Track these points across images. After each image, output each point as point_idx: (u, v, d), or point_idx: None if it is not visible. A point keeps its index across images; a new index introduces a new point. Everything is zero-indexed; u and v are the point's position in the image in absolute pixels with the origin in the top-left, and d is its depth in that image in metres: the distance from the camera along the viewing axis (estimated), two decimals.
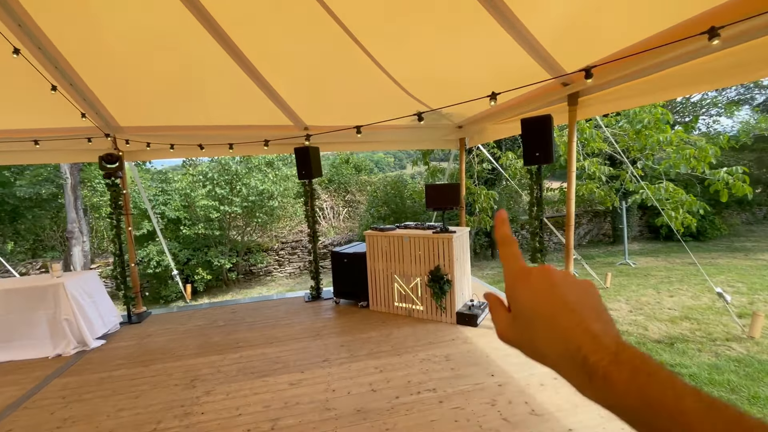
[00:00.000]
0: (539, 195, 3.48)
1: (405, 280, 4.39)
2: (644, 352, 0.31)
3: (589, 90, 3.34)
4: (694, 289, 6.44)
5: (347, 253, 4.78)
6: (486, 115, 4.83)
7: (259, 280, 10.27)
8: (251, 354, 3.64)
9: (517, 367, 3.10)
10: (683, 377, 0.29)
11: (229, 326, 4.43)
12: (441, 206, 4.17)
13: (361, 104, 4.51)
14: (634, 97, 3.07)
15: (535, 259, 3.57)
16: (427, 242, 4.16)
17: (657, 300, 6.00)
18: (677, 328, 4.90)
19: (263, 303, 5.25)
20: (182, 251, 8.80)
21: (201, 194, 8.59)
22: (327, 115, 4.74)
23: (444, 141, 6.01)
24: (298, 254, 10.79)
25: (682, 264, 8.58)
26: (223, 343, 3.94)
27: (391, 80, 3.93)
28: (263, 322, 4.50)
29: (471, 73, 3.64)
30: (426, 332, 3.92)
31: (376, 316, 4.48)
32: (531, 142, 3.43)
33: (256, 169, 9.33)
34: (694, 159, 4.32)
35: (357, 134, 3.14)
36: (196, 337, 4.17)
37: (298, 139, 5.13)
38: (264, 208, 9.43)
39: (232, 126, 4.70)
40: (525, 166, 3.51)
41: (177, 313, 5.03)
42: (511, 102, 4.15)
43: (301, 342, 3.86)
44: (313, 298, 5.26)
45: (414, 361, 3.32)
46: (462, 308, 4.15)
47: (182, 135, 4.50)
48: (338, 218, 14.44)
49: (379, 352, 3.53)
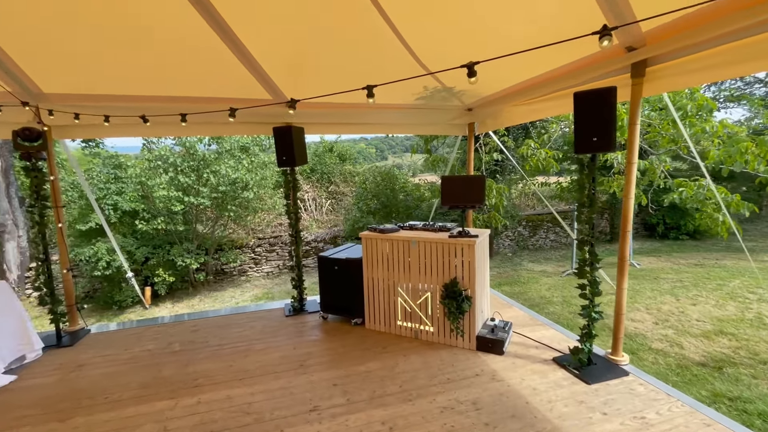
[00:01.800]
0: (593, 193, 2.71)
1: (411, 295, 3.55)
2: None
3: (666, 56, 2.55)
4: (714, 296, 5.91)
5: (338, 259, 3.89)
6: (506, 94, 4.00)
7: (233, 281, 9.22)
8: (212, 399, 2.73)
9: (571, 423, 2.32)
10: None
11: (187, 352, 3.48)
12: (461, 204, 3.33)
13: (357, 74, 3.57)
14: (734, 65, 2.30)
15: (584, 274, 2.81)
16: (442, 248, 3.33)
17: (680, 309, 5.42)
18: (715, 346, 4.29)
19: (233, 318, 4.30)
20: (139, 249, 7.64)
21: (160, 183, 7.40)
22: (315, 88, 3.79)
23: (450, 126, 5.16)
24: (276, 251, 9.78)
25: (687, 265, 8.14)
26: (177, 380, 3.00)
27: (399, 41, 3.02)
28: (232, 346, 3.57)
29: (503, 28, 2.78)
30: (441, 363, 3.11)
31: (374, 337, 3.64)
32: (586, 124, 2.62)
33: (227, 155, 8.20)
34: (752, 153, 3.68)
35: (368, 98, 2.23)
36: (142, 368, 3.20)
37: (278, 118, 4.18)
38: (237, 199, 8.34)
39: (191, 98, 3.67)
40: (575, 154, 2.69)
41: (123, 332, 4.01)
42: (548, 76, 3.35)
43: (281, 378, 2.97)
44: (294, 311, 4.35)
45: (433, 411, 2.50)
46: (483, 330, 3.36)
47: (122, 107, 3.45)
48: (321, 211, 13.47)
49: (384, 395, 2.69)
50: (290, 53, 3.19)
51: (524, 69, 3.32)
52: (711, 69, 2.40)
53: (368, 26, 2.82)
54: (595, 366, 2.88)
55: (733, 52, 2.27)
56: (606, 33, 1.51)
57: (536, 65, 3.20)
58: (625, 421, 2.32)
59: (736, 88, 11.65)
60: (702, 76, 2.48)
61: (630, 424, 2.30)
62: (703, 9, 2.15)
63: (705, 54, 2.40)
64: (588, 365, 2.87)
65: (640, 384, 2.69)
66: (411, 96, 4.24)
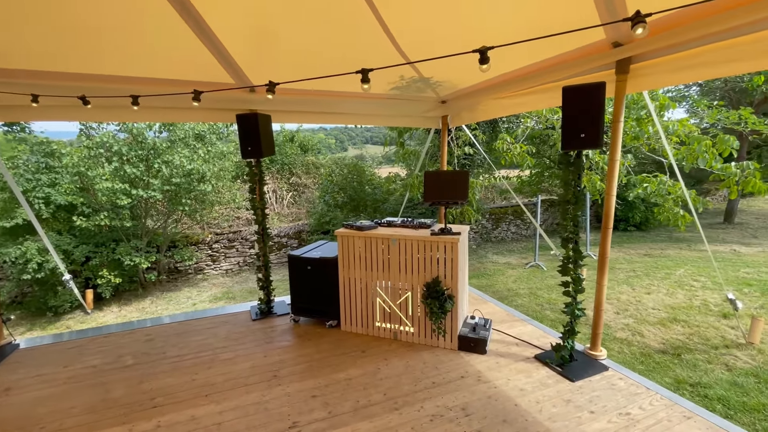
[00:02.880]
0: (578, 189, 2.68)
1: (391, 295, 3.39)
2: None
3: (650, 54, 2.55)
4: (665, 284, 6.33)
5: (311, 259, 3.64)
6: (486, 86, 3.91)
7: (188, 280, 8.57)
8: (174, 421, 2.41)
9: (562, 424, 2.29)
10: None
11: (141, 365, 3.10)
12: (443, 200, 3.20)
13: (330, 59, 3.30)
14: (717, 65, 2.32)
15: (567, 271, 2.80)
16: (423, 246, 3.19)
17: (637, 299, 5.73)
18: (672, 333, 4.56)
19: (193, 323, 3.92)
20: (78, 248, 6.81)
21: (103, 173, 6.61)
22: (283, 73, 3.47)
23: (424, 118, 5.02)
24: (236, 248, 9.21)
25: (637, 255, 8.69)
26: (131, 400, 2.64)
27: (379, 26, 2.80)
28: (194, 357, 3.23)
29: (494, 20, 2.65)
30: (424, 366, 2.98)
31: (352, 340, 3.45)
32: (574, 119, 2.57)
33: (181, 144, 7.51)
34: (711, 151, 3.90)
35: (363, 84, 1.99)
36: (86, 389, 2.79)
37: (241, 104, 3.81)
38: (193, 192, 7.69)
39: (140, 78, 3.21)
40: (561, 150, 2.64)
41: (61, 345, 3.51)
42: (530, 69, 3.28)
43: (253, 392, 2.70)
44: (262, 313, 4.05)
45: (422, 420, 2.36)
46: (464, 329, 3.28)
47: (56, 86, 2.93)
48: (282, 204, 12.93)
49: (368, 405, 2.52)
50: (256, 32, 2.86)
51: (507, 61, 3.22)
52: (693, 68, 2.43)
53: (346, 7, 2.57)
54: (576, 362, 2.90)
55: (716, 52, 2.30)
56: (640, 20, 1.39)
57: (520, 57, 3.11)
58: (612, 419, 2.32)
59: (677, 90, 12.57)
60: (684, 75, 2.50)
61: (617, 421, 2.30)
62: (688, 9, 2.15)
63: (688, 53, 2.42)
64: (570, 361, 2.88)
65: (620, 378, 2.74)
66: (387, 85, 4.03)
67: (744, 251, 8.66)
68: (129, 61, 2.98)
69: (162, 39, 2.75)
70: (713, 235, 10.62)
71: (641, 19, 1.40)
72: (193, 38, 2.74)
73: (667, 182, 4.45)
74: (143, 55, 2.95)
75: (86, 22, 2.49)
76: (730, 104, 11.35)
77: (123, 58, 2.93)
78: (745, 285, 6.11)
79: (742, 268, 7.08)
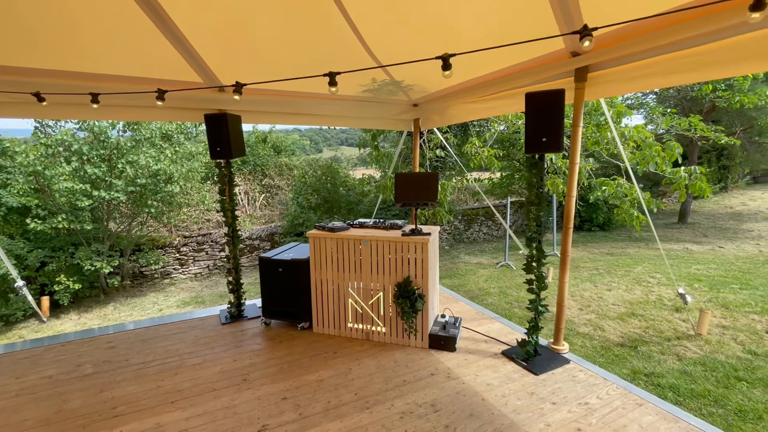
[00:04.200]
0: (541, 191, 2.81)
1: (363, 295, 3.42)
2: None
3: (605, 64, 2.72)
4: (624, 281, 6.68)
5: (283, 260, 3.61)
6: (454, 91, 4.02)
7: (154, 285, 8.25)
8: (138, 430, 2.34)
9: (526, 416, 2.39)
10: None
11: (102, 374, 2.97)
12: (414, 201, 3.26)
13: (302, 60, 3.30)
14: (668, 75, 2.50)
15: (531, 269, 2.92)
16: (395, 247, 3.24)
17: (599, 295, 6.02)
18: (630, 327, 4.83)
19: (160, 329, 3.79)
20: (33, 252, 6.42)
21: (62, 173, 6.25)
22: (253, 73, 3.44)
23: (396, 120, 5.09)
24: (206, 251, 8.96)
25: (600, 254, 9.13)
26: (90, 410, 2.53)
27: (350, 29, 2.83)
28: (160, 363, 3.13)
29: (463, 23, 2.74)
30: (395, 365, 3.03)
31: (324, 342, 3.44)
32: (537, 124, 2.70)
33: (147, 143, 7.22)
34: (661, 156, 4.18)
35: (331, 87, 2.01)
36: (41, 401, 2.65)
37: (209, 103, 3.73)
38: (159, 194, 7.42)
39: (101, 75, 3.09)
40: (525, 153, 2.76)
41: (12, 356, 3.31)
42: (495, 75, 3.40)
43: (221, 397, 2.65)
44: (232, 317, 3.97)
45: (392, 417, 2.40)
46: (434, 327, 3.35)
47: (8, 81, 2.78)
48: (254, 206, 12.68)
49: (339, 405, 2.53)
50: (225, 30, 2.82)
51: (473, 67, 3.33)
52: (644, 78, 2.60)
53: (317, 11, 2.58)
54: (541, 356, 3.02)
55: (664, 64, 2.48)
56: (587, 33, 1.50)
57: (485, 64, 3.22)
58: (572, 408, 2.45)
59: (635, 97, 13.32)
60: (639, 84, 2.67)
61: (576, 410, 2.43)
62: (637, 24, 2.31)
63: (639, 64, 2.59)
64: (534, 356, 3.00)
65: (580, 371, 2.88)
66: (358, 87, 4.06)
67: (695, 249, 9.27)
68: (88, 56, 2.86)
69: (123, 34, 2.66)
70: (668, 234, 11.30)
71: (588, 32, 1.51)
72: (158, 35, 2.67)
73: (624, 185, 4.73)
74: (103, 51, 2.84)
75: (43, 16, 2.38)
76: (682, 112, 12.14)
77: (81, 52, 2.81)
78: (696, 281, 6.55)
79: (693, 265, 7.58)
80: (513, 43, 1.94)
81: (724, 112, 12.21)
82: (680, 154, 4.12)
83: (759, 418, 3.06)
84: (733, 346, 4.20)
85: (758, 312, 5.05)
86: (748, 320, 4.84)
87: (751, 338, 4.37)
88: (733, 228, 11.64)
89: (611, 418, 2.35)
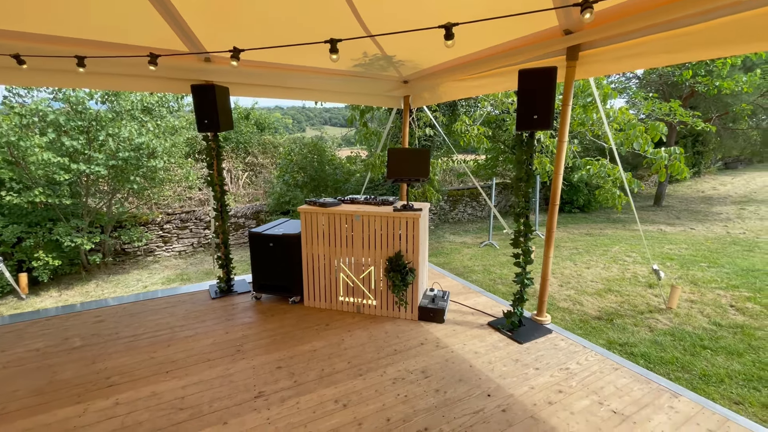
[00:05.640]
0: (530, 168, 2.88)
1: (354, 269, 3.47)
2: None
3: (597, 42, 2.76)
4: (602, 260, 6.97)
5: (274, 236, 3.61)
6: (445, 68, 4.01)
7: (137, 262, 8.11)
8: (134, 398, 2.37)
9: (511, 380, 2.53)
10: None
11: (92, 347, 2.96)
12: (406, 177, 3.29)
13: (292, 30, 3.21)
14: (658, 54, 2.56)
15: (518, 244, 3.02)
16: (387, 222, 3.28)
17: (578, 273, 6.27)
18: (606, 302, 5.08)
19: (148, 303, 3.78)
20: (8, 227, 6.18)
21: (37, 144, 5.97)
22: (242, 40, 3.33)
23: (386, 97, 5.05)
24: (190, 228, 8.81)
25: (580, 234, 9.43)
26: (83, 381, 2.53)
27: None
28: (151, 336, 3.14)
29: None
30: (386, 335, 3.13)
31: (316, 315, 3.51)
32: (529, 101, 2.74)
33: (127, 115, 6.94)
34: (644, 137, 4.32)
35: (332, 54, 1.99)
36: (30, 372, 2.63)
37: (195, 74, 3.61)
38: (142, 169, 7.20)
39: (82, 41, 2.94)
40: (516, 130, 2.82)
41: None
42: (487, 52, 3.41)
43: (216, 366, 2.70)
44: (222, 292, 3.98)
45: (385, 383, 2.50)
46: (424, 300, 3.45)
47: None
48: (238, 184, 12.46)
49: (333, 373, 2.62)
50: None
51: (467, 43, 3.32)
52: (634, 57, 2.66)
53: None
54: (525, 327, 3.17)
55: (655, 43, 2.53)
56: (588, 5, 1.52)
57: (479, 40, 3.22)
58: (554, 373, 2.60)
59: (619, 81, 13.52)
60: (629, 63, 2.73)
61: (558, 375, 2.58)
62: (631, 1, 2.35)
63: (631, 43, 2.64)
64: (519, 327, 3.15)
65: (561, 340, 3.04)
66: (350, 61, 4.00)
67: (669, 230, 9.69)
68: (60, 20, 2.71)
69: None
70: (644, 216, 11.74)
71: (589, 5, 1.54)
72: (144, 2, 2.55)
73: (607, 165, 4.89)
74: (77, 14, 2.69)
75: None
76: (663, 97, 12.42)
77: (45, 13, 2.65)
78: (668, 259, 6.89)
79: (666, 245, 7.95)
80: (510, 15, 1.95)
81: (702, 98, 12.56)
82: (663, 133, 4.26)
83: (721, 381, 3.32)
84: (700, 319, 4.49)
85: (723, 288, 5.38)
86: (714, 295, 5.16)
87: (716, 311, 4.67)
88: (704, 211, 12.18)
89: (590, 380, 2.51)
